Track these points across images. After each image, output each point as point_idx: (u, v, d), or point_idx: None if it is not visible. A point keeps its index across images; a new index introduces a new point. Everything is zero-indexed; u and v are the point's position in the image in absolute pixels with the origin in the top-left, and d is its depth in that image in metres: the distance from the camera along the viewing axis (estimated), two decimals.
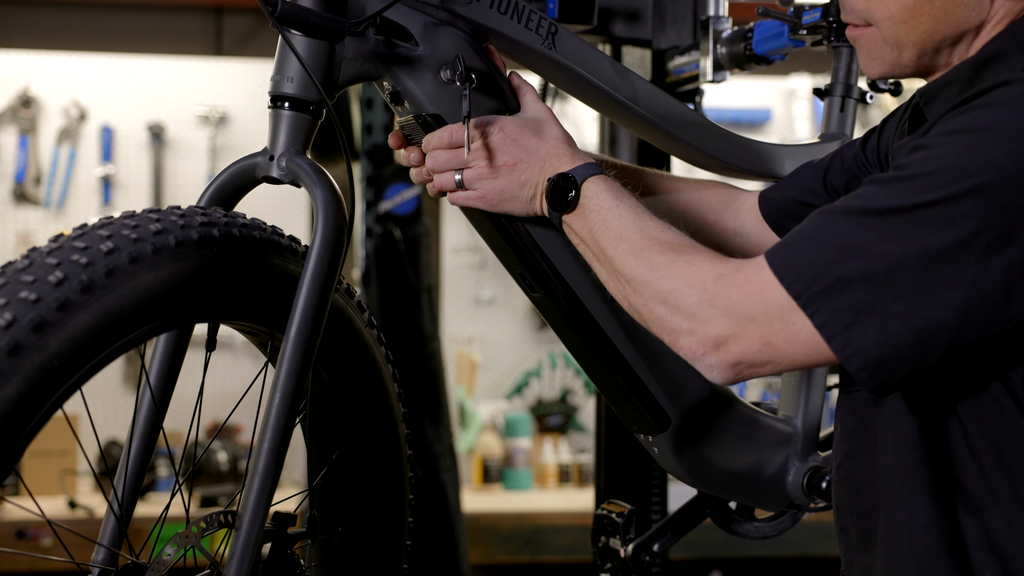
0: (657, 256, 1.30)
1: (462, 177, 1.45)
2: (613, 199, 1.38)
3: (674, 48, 2.39)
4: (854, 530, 1.38)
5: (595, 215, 1.38)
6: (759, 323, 1.21)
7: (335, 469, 1.53)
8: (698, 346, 1.25)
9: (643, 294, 1.30)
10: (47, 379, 1.12)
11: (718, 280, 1.24)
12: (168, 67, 4.72)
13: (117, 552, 1.34)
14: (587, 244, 1.39)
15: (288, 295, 1.32)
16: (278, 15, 1.32)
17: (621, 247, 1.34)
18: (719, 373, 1.26)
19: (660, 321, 1.29)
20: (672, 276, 1.28)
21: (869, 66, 1.36)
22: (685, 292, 1.26)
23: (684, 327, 1.26)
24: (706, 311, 1.24)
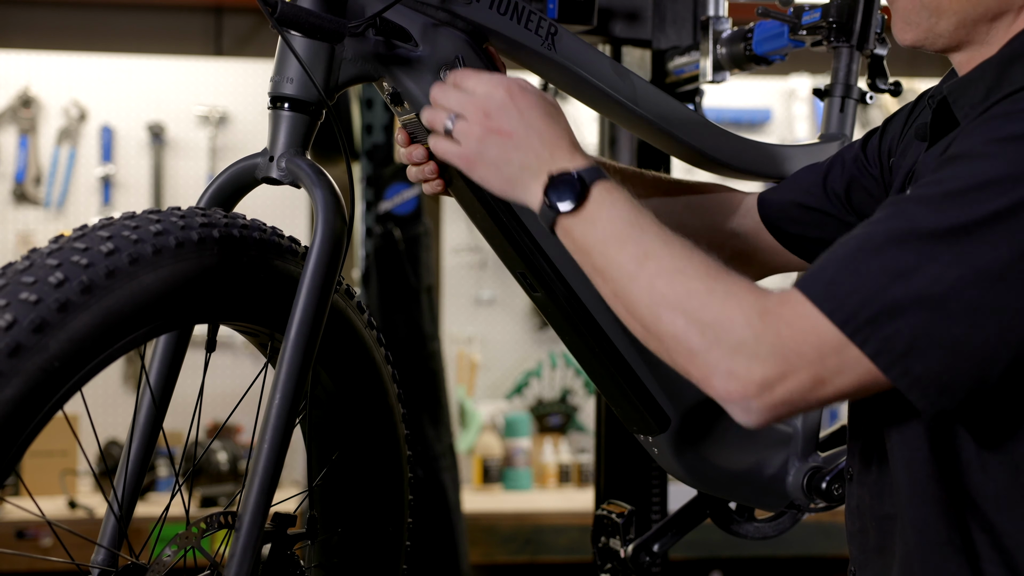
0: (694, 282, 1.18)
1: (453, 125, 1.33)
2: (632, 209, 1.25)
3: (674, 48, 2.39)
4: (874, 534, 1.36)
5: (606, 224, 1.24)
6: (810, 361, 1.13)
7: (335, 470, 1.53)
8: (738, 388, 1.14)
9: (674, 323, 1.18)
10: (47, 380, 1.12)
11: (764, 317, 1.14)
12: (168, 67, 4.72)
13: (117, 553, 1.34)
14: (589, 255, 1.26)
15: (288, 296, 1.32)
16: (278, 16, 1.32)
17: (648, 267, 1.20)
18: (757, 417, 1.15)
19: (691, 356, 1.17)
20: (712, 306, 1.16)
21: (902, 31, 1.32)
22: (729, 326, 1.14)
23: (723, 366, 1.14)
24: (752, 349, 1.13)
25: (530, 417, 4.69)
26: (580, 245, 1.27)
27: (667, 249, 1.21)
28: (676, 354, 1.19)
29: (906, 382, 1.12)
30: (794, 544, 3.89)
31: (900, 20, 1.32)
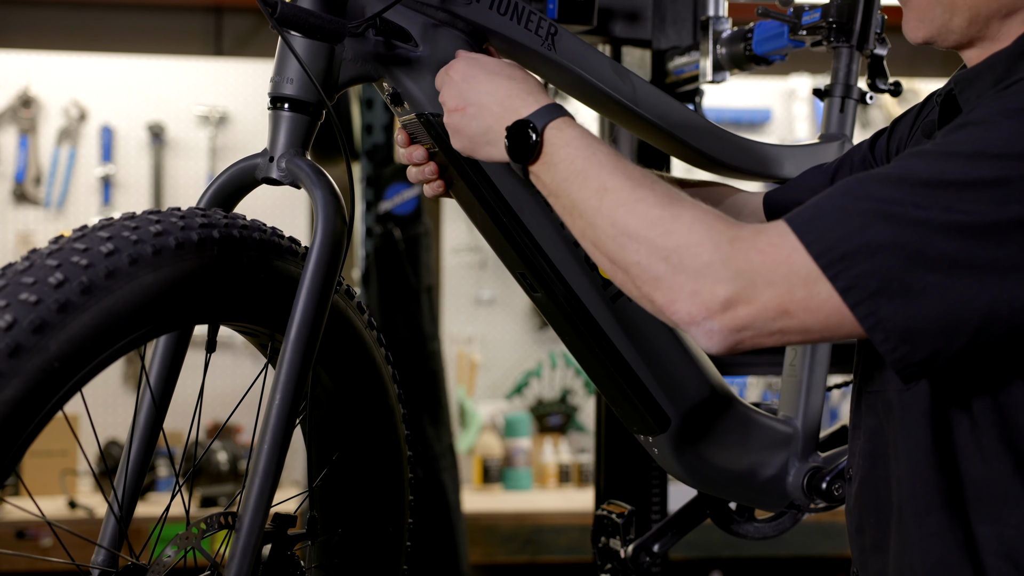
0: (656, 210, 1.19)
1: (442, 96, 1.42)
2: (586, 146, 1.28)
3: (674, 48, 2.39)
4: (870, 530, 1.36)
5: (566, 164, 1.28)
6: (779, 288, 1.12)
7: (335, 470, 1.53)
8: (700, 307, 1.14)
9: (637, 252, 1.18)
10: (48, 381, 1.12)
11: (734, 242, 1.14)
12: (168, 67, 4.72)
13: (117, 553, 1.34)
14: (558, 196, 1.29)
15: (288, 296, 1.32)
16: (278, 16, 1.32)
17: (608, 199, 1.22)
18: (719, 339, 1.14)
19: (655, 282, 1.17)
20: (677, 232, 1.16)
21: (915, 28, 1.31)
22: (694, 250, 1.14)
23: (687, 288, 1.14)
24: (717, 271, 1.13)
25: (530, 417, 4.69)
26: (550, 189, 1.31)
27: (627, 181, 1.23)
28: (641, 282, 1.18)
29: (871, 322, 1.11)
30: (794, 544, 3.89)
31: (914, 17, 1.31)
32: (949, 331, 1.11)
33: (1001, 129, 1.12)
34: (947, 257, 1.09)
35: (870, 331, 1.12)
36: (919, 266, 1.09)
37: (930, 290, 1.10)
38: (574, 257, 1.54)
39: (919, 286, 1.10)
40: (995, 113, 1.15)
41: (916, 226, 1.10)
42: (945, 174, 1.11)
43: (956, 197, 1.10)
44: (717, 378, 1.68)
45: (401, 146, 1.53)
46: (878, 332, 1.11)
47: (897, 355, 1.12)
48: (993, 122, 1.14)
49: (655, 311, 1.19)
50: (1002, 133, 1.12)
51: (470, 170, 1.48)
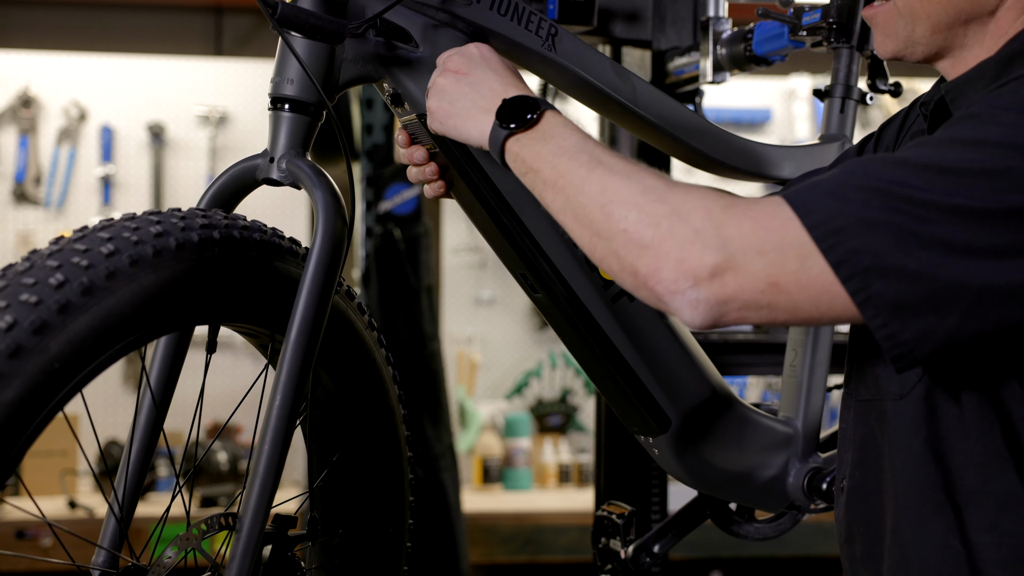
0: (650, 179, 1.18)
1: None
2: (583, 132, 1.28)
3: (674, 49, 2.39)
4: (860, 541, 1.35)
5: (560, 140, 1.27)
6: (769, 259, 1.09)
7: (335, 471, 1.53)
8: (684, 275, 1.10)
9: (626, 218, 1.15)
10: (48, 381, 1.12)
11: (727, 209, 1.12)
12: (168, 67, 4.72)
13: (117, 554, 1.34)
14: (540, 170, 1.27)
15: (289, 297, 1.32)
16: (278, 17, 1.32)
17: (599, 170, 1.20)
18: (702, 310, 1.11)
19: (641, 250, 1.13)
20: (669, 200, 1.14)
21: (883, 44, 1.33)
22: (686, 216, 1.12)
23: (673, 254, 1.11)
24: (707, 237, 1.10)
25: (530, 417, 4.69)
26: (531, 163, 1.28)
27: (620, 160, 1.22)
28: (626, 251, 1.14)
29: (861, 297, 1.10)
30: (794, 544, 3.89)
31: (880, 33, 1.34)
32: (940, 309, 1.09)
33: (1002, 121, 1.13)
34: (943, 238, 1.09)
35: (861, 306, 1.10)
36: (914, 244, 1.09)
37: (923, 268, 1.09)
38: (574, 258, 1.54)
39: (913, 264, 1.09)
40: (996, 107, 1.15)
41: (914, 205, 1.09)
42: (946, 160, 1.11)
43: (956, 182, 1.10)
44: (717, 379, 1.68)
45: (402, 146, 1.53)
46: (869, 307, 1.10)
47: (887, 331, 1.11)
48: (994, 115, 1.14)
49: (635, 284, 1.15)
50: (1003, 125, 1.12)
51: (471, 170, 1.48)
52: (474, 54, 1.40)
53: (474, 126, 1.36)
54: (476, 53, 1.40)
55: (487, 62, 1.39)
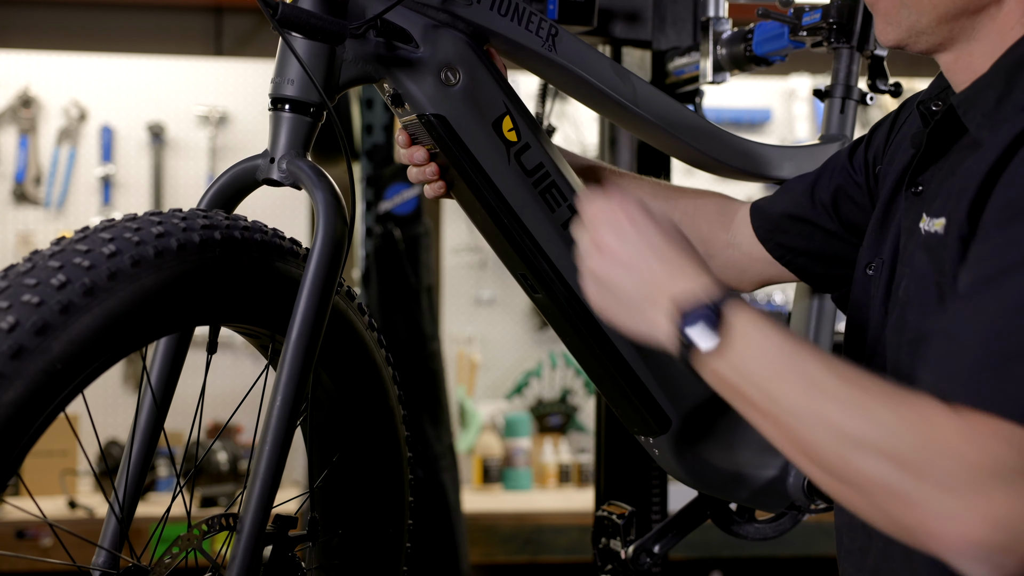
0: (878, 411, 1.02)
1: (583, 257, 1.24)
2: (782, 336, 1.09)
3: (674, 49, 2.39)
4: (875, 555, 1.33)
5: (762, 360, 1.08)
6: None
7: (336, 471, 1.53)
8: (958, 537, 0.96)
9: (867, 465, 1.00)
10: (50, 382, 1.12)
11: (961, 434, 0.98)
12: (168, 67, 4.73)
13: (118, 555, 1.34)
14: (745, 394, 1.10)
15: (289, 298, 1.32)
16: (279, 17, 1.32)
17: (816, 399, 1.04)
18: (989, 569, 0.96)
19: (896, 502, 0.99)
20: (905, 435, 1.00)
21: (885, 32, 1.30)
22: (935, 461, 0.98)
23: (938, 512, 0.97)
24: (970, 488, 0.96)
25: (530, 417, 4.70)
26: (730, 384, 1.11)
27: (835, 377, 1.05)
28: (877, 498, 1.01)
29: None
30: (794, 544, 3.89)
31: (881, 20, 1.31)
32: None
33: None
34: None
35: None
36: None
37: None
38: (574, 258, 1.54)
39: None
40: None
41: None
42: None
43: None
44: None
45: (402, 147, 1.53)
46: None
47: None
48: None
49: (902, 533, 1.02)
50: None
51: (471, 171, 1.48)
52: (626, 228, 1.18)
53: (647, 327, 1.17)
54: (628, 226, 1.18)
55: (643, 236, 1.17)
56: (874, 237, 1.44)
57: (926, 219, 1.27)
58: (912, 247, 1.31)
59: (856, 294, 1.45)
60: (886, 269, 1.38)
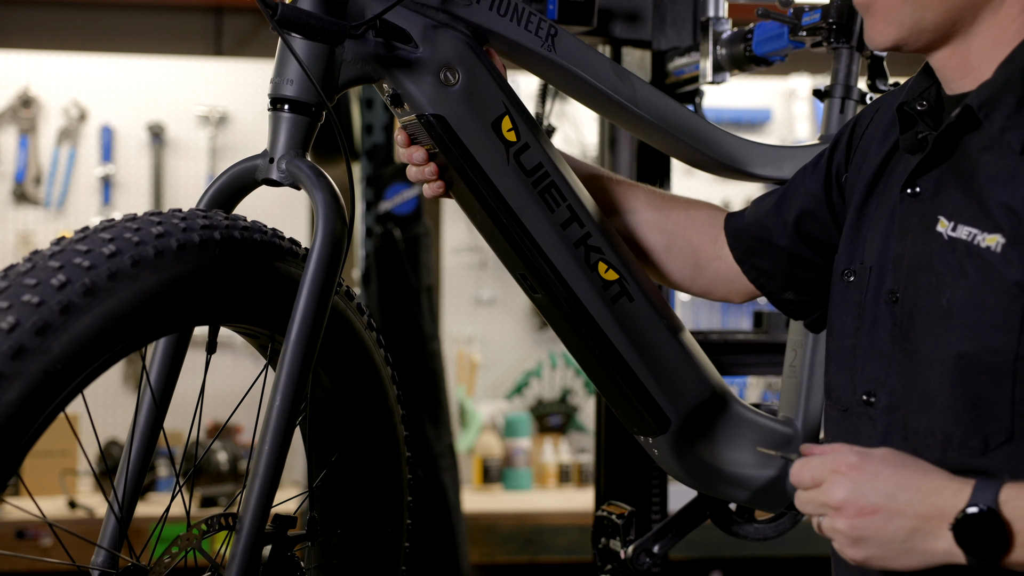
0: None
1: (822, 525, 1.21)
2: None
3: (674, 49, 2.39)
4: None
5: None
6: None
7: (335, 471, 1.53)
8: None
9: None
10: (50, 382, 1.12)
11: None
12: (168, 67, 4.73)
13: (117, 554, 1.35)
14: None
15: (288, 298, 1.32)
16: (278, 18, 1.32)
17: None
18: None
19: None
20: None
21: (883, 32, 1.27)
22: None
23: None
24: None
25: (530, 417, 4.70)
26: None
27: None
28: None
29: None
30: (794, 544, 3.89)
31: (880, 20, 1.27)
32: None
33: None
34: None
35: None
36: None
37: None
38: (574, 258, 1.54)
39: None
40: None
41: None
42: None
43: None
44: (717, 379, 1.68)
45: (401, 146, 1.53)
46: None
47: None
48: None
49: None
50: None
51: (471, 171, 1.48)
52: (856, 477, 1.17)
53: (928, 559, 1.16)
54: (856, 474, 1.17)
55: (877, 476, 1.17)
56: (849, 242, 1.42)
57: (947, 223, 1.25)
58: (932, 251, 1.27)
59: (834, 301, 1.43)
60: (873, 273, 1.35)
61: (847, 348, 1.38)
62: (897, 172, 1.38)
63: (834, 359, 1.42)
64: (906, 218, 1.33)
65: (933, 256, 1.26)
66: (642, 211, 1.67)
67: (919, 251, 1.29)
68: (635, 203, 1.67)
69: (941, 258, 1.25)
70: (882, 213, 1.37)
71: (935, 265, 1.26)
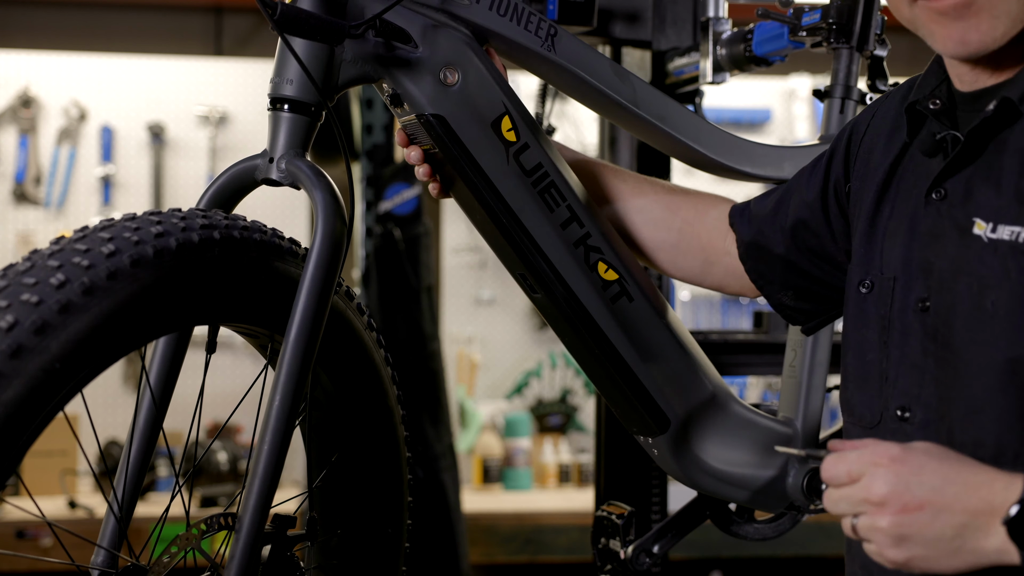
0: None
1: (858, 527, 1.12)
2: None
3: (674, 49, 2.39)
4: None
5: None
6: None
7: (334, 471, 1.53)
8: None
9: None
10: (49, 381, 1.12)
11: None
12: (168, 67, 4.73)
13: (117, 554, 1.35)
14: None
15: (288, 298, 1.32)
16: (278, 18, 1.32)
17: None
18: None
19: None
20: None
21: (991, 28, 1.17)
22: None
23: None
24: None
25: (530, 417, 4.70)
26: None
27: None
28: None
29: None
30: (794, 544, 3.89)
31: (986, 18, 1.17)
32: None
33: None
34: None
35: None
36: None
37: None
38: (574, 258, 1.54)
39: None
40: None
41: None
42: None
43: None
44: (717, 379, 1.68)
45: (401, 146, 1.54)
46: None
47: None
48: None
49: None
50: None
51: (470, 171, 1.48)
52: (900, 471, 1.09)
53: (977, 558, 1.08)
54: (901, 467, 1.09)
55: (923, 469, 1.09)
56: (863, 253, 1.38)
57: (985, 225, 1.20)
58: (971, 255, 1.21)
59: (850, 313, 1.38)
60: (899, 283, 1.30)
61: (871, 363, 1.33)
62: (910, 176, 1.33)
63: (855, 375, 1.36)
64: (935, 223, 1.27)
65: (972, 259, 1.21)
66: (650, 209, 1.65)
67: (954, 256, 1.23)
68: (643, 200, 1.66)
69: (982, 261, 1.20)
70: (900, 220, 1.32)
71: (975, 268, 1.20)
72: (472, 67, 1.46)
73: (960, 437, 1.21)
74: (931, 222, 1.27)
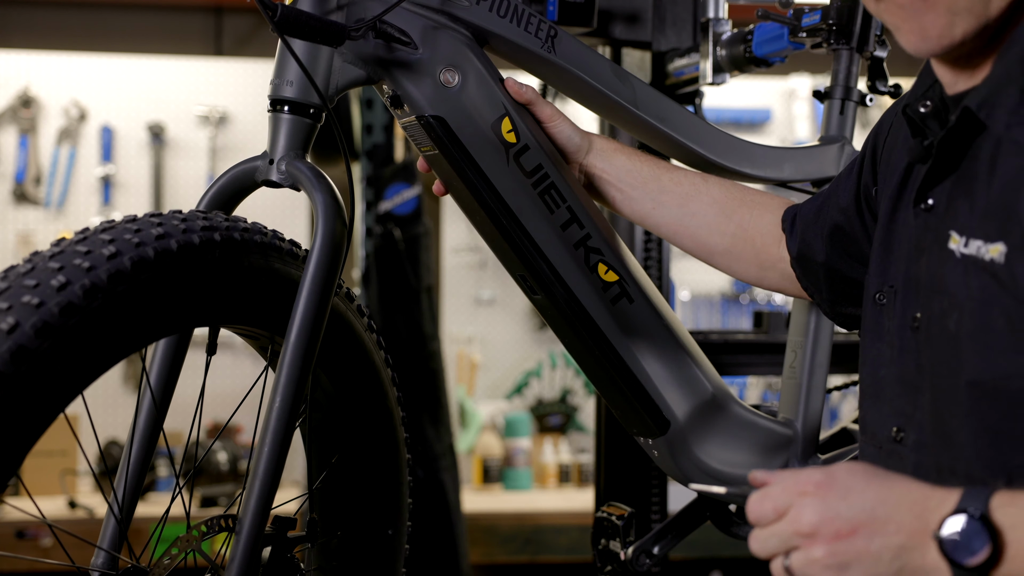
0: None
1: (791, 565, 1.04)
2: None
3: (674, 50, 2.39)
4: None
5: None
6: None
7: (335, 473, 1.53)
8: None
9: None
10: (50, 384, 1.12)
11: None
12: (168, 67, 4.73)
13: (117, 555, 1.35)
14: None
15: (288, 299, 1.32)
16: (278, 19, 1.32)
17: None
18: None
19: None
20: None
21: (949, 25, 1.12)
22: None
23: None
24: None
25: (530, 417, 4.70)
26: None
27: None
28: None
29: None
30: None
31: (943, 14, 1.13)
32: None
33: None
34: None
35: None
36: None
37: None
38: (574, 259, 1.54)
39: None
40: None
41: None
42: None
43: None
44: (717, 380, 1.68)
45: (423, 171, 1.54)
46: None
47: None
48: None
49: None
50: None
51: (470, 172, 1.48)
52: (827, 496, 1.03)
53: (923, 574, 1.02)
54: (827, 492, 1.03)
55: (851, 492, 1.03)
56: (879, 261, 1.32)
57: (959, 239, 1.14)
58: (945, 271, 1.16)
59: (867, 324, 1.33)
60: (899, 297, 1.26)
61: (881, 379, 1.28)
62: (912, 182, 1.28)
63: (869, 391, 1.31)
64: (921, 235, 1.22)
65: (947, 275, 1.15)
66: (704, 213, 1.61)
67: (934, 272, 1.18)
68: (697, 204, 1.61)
69: (953, 279, 1.14)
70: (906, 230, 1.27)
71: (947, 286, 1.15)
72: (472, 68, 1.46)
73: (943, 462, 1.17)
74: (919, 234, 1.22)
